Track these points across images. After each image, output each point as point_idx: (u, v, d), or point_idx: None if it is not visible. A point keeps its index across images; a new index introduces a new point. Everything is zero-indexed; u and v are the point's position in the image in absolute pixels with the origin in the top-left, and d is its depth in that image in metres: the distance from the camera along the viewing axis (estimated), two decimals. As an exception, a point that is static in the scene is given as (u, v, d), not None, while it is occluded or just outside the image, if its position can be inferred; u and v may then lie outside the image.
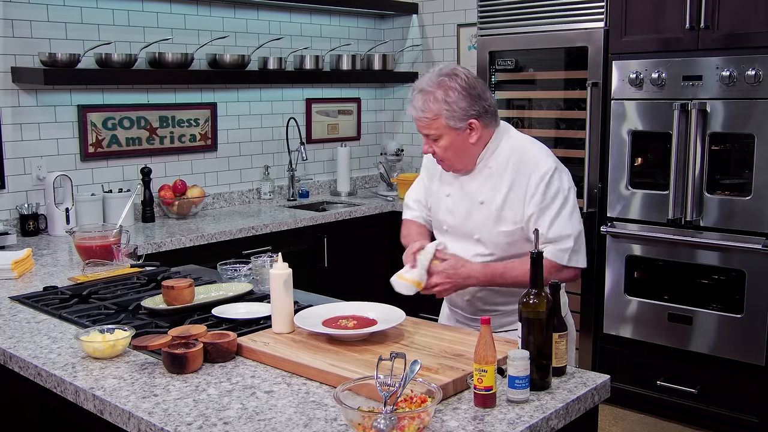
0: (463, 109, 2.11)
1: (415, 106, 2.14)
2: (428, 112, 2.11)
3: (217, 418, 1.53)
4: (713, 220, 3.39)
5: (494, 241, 2.19)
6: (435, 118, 2.11)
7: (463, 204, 2.25)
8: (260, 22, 4.57)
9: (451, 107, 2.10)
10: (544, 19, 3.93)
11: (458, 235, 2.27)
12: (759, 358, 3.31)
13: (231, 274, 2.52)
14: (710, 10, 3.31)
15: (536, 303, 1.66)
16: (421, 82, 2.15)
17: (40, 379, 1.85)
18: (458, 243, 2.26)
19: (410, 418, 1.40)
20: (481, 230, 2.21)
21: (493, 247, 2.20)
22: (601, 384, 1.73)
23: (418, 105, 2.13)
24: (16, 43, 3.58)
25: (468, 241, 2.24)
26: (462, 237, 2.26)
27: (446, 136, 2.13)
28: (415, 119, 2.17)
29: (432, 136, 2.15)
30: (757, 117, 3.23)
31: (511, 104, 4.24)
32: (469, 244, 2.24)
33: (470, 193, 2.23)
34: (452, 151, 2.16)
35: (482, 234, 2.21)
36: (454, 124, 2.11)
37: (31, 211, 3.60)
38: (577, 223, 2.16)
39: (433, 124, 2.12)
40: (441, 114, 2.10)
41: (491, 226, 2.18)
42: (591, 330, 3.85)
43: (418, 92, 2.14)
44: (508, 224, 2.17)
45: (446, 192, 2.30)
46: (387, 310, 2.04)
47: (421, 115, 2.13)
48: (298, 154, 4.74)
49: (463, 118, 2.12)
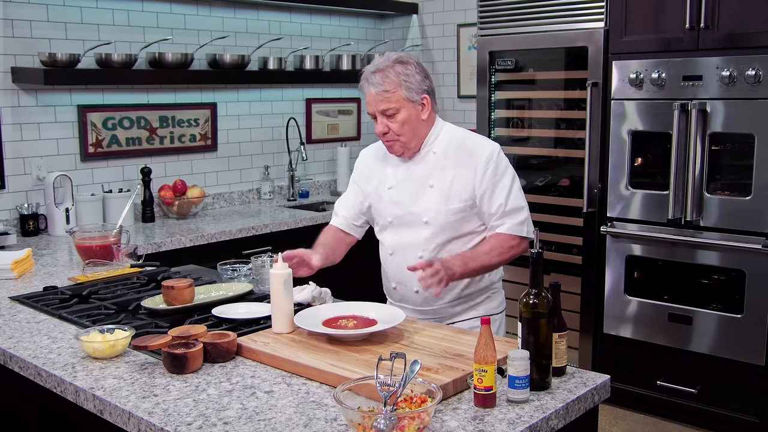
0: (418, 82, 2.25)
1: (373, 82, 2.24)
2: (388, 84, 2.22)
3: (217, 418, 1.53)
4: (713, 220, 3.39)
5: (444, 220, 2.27)
6: (395, 90, 2.22)
7: (409, 191, 2.33)
8: (260, 22, 4.57)
9: (408, 79, 2.23)
10: (544, 19, 3.92)
11: (404, 224, 2.34)
12: (759, 358, 3.31)
13: (231, 274, 2.52)
14: (710, 10, 3.31)
15: (536, 303, 1.66)
16: (373, 66, 2.27)
17: (40, 379, 1.85)
18: (404, 231, 2.33)
19: (410, 418, 1.40)
20: (430, 212, 2.29)
21: (441, 226, 2.28)
22: (601, 384, 1.73)
23: (376, 81, 2.23)
24: (16, 43, 3.58)
25: (415, 227, 2.31)
26: (408, 225, 2.33)
27: (403, 110, 2.24)
28: (370, 99, 2.25)
29: (390, 110, 2.23)
30: (757, 117, 3.23)
31: (511, 104, 4.24)
32: (417, 229, 2.31)
33: (418, 179, 2.32)
34: (408, 126, 2.25)
35: (431, 216, 2.28)
36: (411, 96, 2.24)
37: (31, 211, 3.60)
38: (524, 198, 2.32)
39: (393, 97, 2.22)
40: (400, 85, 2.22)
41: (441, 206, 2.27)
42: (591, 330, 3.85)
43: (373, 72, 2.24)
44: (457, 201, 2.26)
45: (388, 185, 2.38)
46: (387, 310, 2.05)
47: (380, 89, 2.22)
48: (298, 154, 4.74)
49: (419, 91, 2.25)
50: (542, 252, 1.73)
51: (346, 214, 2.51)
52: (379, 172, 2.43)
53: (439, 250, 2.29)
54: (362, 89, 2.30)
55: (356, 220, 2.51)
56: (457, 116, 4.93)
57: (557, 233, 3.95)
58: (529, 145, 4.20)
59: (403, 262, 2.31)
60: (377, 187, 2.42)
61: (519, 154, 4.13)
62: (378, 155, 2.47)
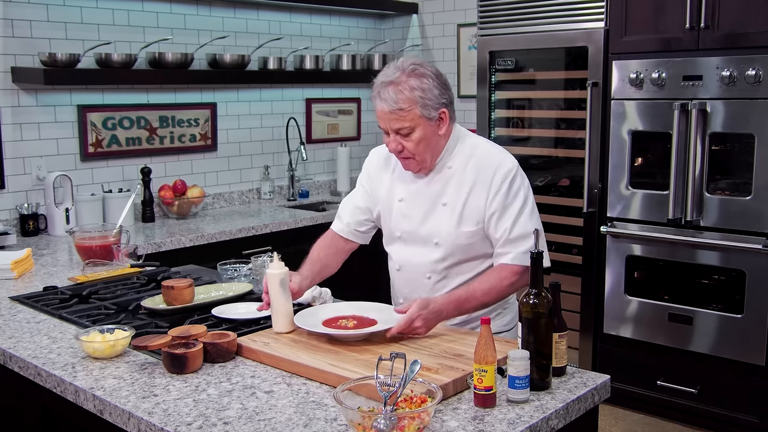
0: (436, 97, 2.04)
1: (386, 98, 2.02)
2: (403, 102, 2.01)
3: (217, 418, 1.53)
4: (713, 220, 3.39)
5: (455, 243, 2.12)
6: (410, 109, 2.01)
7: (421, 207, 2.16)
8: (260, 22, 4.57)
9: (425, 95, 2.02)
10: (544, 19, 3.92)
11: (413, 241, 2.19)
12: (759, 358, 3.31)
13: (231, 274, 2.52)
14: (710, 10, 3.31)
15: (536, 303, 1.66)
16: (387, 75, 2.04)
17: (40, 379, 1.85)
18: (413, 248, 2.20)
19: (410, 418, 1.40)
20: (441, 233, 2.13)
21: (451, 249, 2.13)
22: (601, 384, 1.73)
23: (390, 97, 2.01)
24: (16, 43, 3.58)
25: (424, 246, 2.17)
26: (418, 242, 2.18)
27: (419, 129, 2.04)
28: (383, 115, 2.05)
29: (404, 130, 2.04)
30: (757, 117, 3.23)
31: (511, 104, 4.24)
32: (426, 249, 2.17)
33: (431, 195, 2.15)
34: (424, 144, 2.07)
35: (442, 237, 2.13)
36: (427, 114, 2.03)
37: (31, 211, 3.60)
38: (537, 223, 2.10)
39: (408, 116, 2.02)
40: (416, 103, 2.01)
41: (453, 228, 2.11)
42: (591, 330, 3.85)
43: (387, 85, 2.02)
44: (470, 224, 2.10)
45: (399, 197, 2.21)
46: (387, 310, 2.04)
47: (394, 107, 2.01)
48: (298, 154, 4.74)
49: (436, 107, 2.05)
50: (542, 252, 1.73)
51: (350, 219, 2.32)
52: (390, 179, 2.24)
53: (447, 272, 2.16)
54: (373, 102, 2.08)
55: (360, 226, 2.33)
56: (458, 116, 4.86)
57: (557, 233, 3.95)
58: (529, 145, 4.20)
59: (410, 279, 2.22)
60: (388, 196, 2.24)
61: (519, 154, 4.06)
62: (390, 159, 2.26)
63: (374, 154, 2.35)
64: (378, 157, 2.32)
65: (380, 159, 2.31)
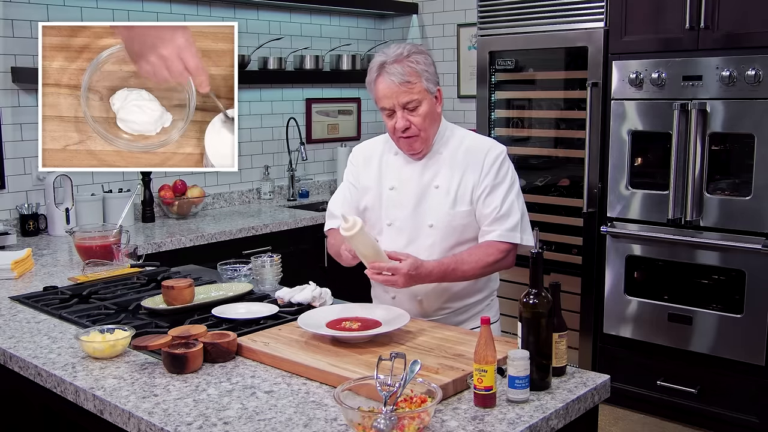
0: (434, 74, 2.17)
1: (393, 72, 2.10)
2: (410, 75, 2.10)
3: (217, 418, 1.53)
4: (713, 220, 3.39)
5: (450, 224, 2.18)
6: (416, 82, 2.11)
7: (413, 193, 2.21)
8: (260, 22, 4.57)
9: (428, 69, 2.15)
10: (544, 19, 3.92)
11: (407, 227, 2.22)
12: (759, 358, 3.31)
13: (231, 274, 2.52)
14: (710, 10, 3.31)
15: (536, 303, 1.66)
16: (389, 55, 2.13)
17: (40, 379, 1.85)
18: (405, 236, 2.21)
19: (410, 418, 1.40)
20: (436, 215, 2.19)
21: (446, 231, 2.18)
22: (601, 384, 1.73)
23: (397, 71, 2.10)
24: (16, 43, 3.58)
25: (419, 231, 2.20)
26: (411, 228, 2.21)
27: (425, 102, 2.14)
28: (390, 91, 2.11)
29: (412, 104, 2.12)
30: (757, 117, 3.23)
31: (511, 104, 4.24)
32: (421, 234, 2.20)
33: (423, 179, 2.21)
34: (429, 119, 2.16)
35: (436, 219, 2.18)
36: (430, 88, 2.15)
37: (31, 211, 3.60)
38: (523, 206, 2.22)
39: (415, 88, 2.11)
40: (421, 76, 2.12)
41: (448, 209, 2.18)
42: (591, 330, 3.85)
43: (392, 63, 2.11)
44: (465, 204, 2.18)
45: (389, 185, 2.26)
46: (391, 311, 2.04)
47: (403, 79, 2.09)
48: (298, 154, 4.74)
49: (435, 82, 2.17)
50: (542, 252, 1.73)
51: (343, 210, 2.30)
52: (378, 170, 2.29)
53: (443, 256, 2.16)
54: (374, 83, 2.15)
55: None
56: (457, 116, 4.93)
57: (557, 233, 3.95)
58: (529, 145, 4.20)
59: None
60: (376, 186, 2.28)
61: (519, 154, 4.12)
62: (375, 152, 2.33)
63: (358, 149, 2.42)
64: (363, 150, 2.40)
65: (365, 152, 2.38)
